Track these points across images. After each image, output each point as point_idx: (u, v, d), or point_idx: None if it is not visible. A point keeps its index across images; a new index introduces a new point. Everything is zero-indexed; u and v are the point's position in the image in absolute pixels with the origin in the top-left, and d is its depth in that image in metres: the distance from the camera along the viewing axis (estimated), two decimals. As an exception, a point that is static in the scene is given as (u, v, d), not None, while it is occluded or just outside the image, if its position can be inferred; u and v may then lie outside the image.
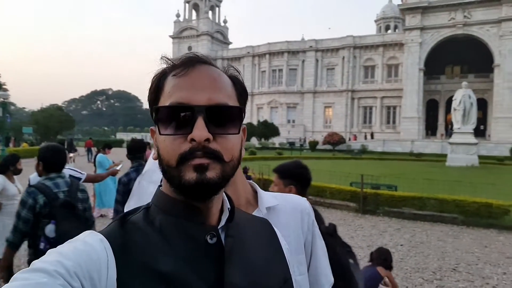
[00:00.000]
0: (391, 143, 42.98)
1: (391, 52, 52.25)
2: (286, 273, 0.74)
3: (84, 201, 2.83)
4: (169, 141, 0.61)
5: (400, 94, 49.18)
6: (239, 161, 0.67)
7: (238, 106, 0.66)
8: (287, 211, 1.02)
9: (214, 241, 0.64)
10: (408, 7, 46.92)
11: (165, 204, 0.66)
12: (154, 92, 0.66)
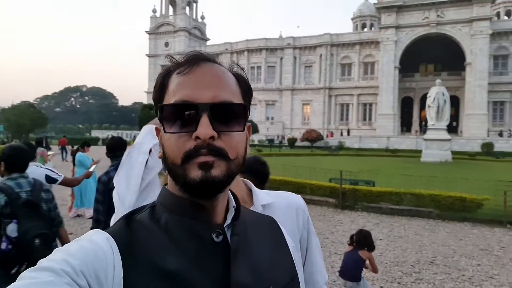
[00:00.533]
0: (367, 139, 43.76)
1: (367, 50, 53.08)
2: (293, 271, 0.74)
3: (49, 201, 2.78)
4: (174, 139, 0.61)
5: (376, 92, 50.08)
6: (244, 158, 0.66)
7: (243, 104, 0.65)
8: (283, 208, 1.01)
9: (220, 239, 0.64)
10: (384, 5, 47.77)
11: (170, 202, 0.66)
12: (158, 91, 0.67)
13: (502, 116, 46.74)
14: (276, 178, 11.40)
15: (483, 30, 42.93)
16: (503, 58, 46.92)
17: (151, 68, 65.32)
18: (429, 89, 27.22)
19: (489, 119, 44.50)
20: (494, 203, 8.54)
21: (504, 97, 46.30)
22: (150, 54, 65.34)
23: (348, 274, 3.89)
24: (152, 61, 64.92)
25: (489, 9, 44.01)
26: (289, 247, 0.78)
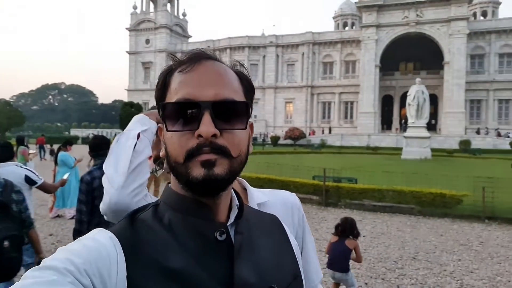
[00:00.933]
0: (349, 137, 44.28)
1: (349, 48, 53.63)
2: (296, 270, 0.74)
3: (19, 203, 2.75)
4: (176, 138, 0.61)
5: (357, 90, 50.69)
6: (247, 156, 0.66)
7: (245, 101, 0.65)
8: (278, 206, 1.00)
9: (223, 238, 0.64)
10: (365, 4, 48.34)
11: (173, 201, 0.66)
12: (161, 89, 0.67)
13: (479, 114, 48.02)
14: (260, 176, 11.41)
15: (460, 30, 43.97)
16: (480, 57, 48.18)
17: (131, 65, 64.37)
18: (409, 88, 27.71)
19: (466, 117, 45.67)
20: (472, 199, 8.76)
21: (481, 95, 47.57)
22: (130, 51, 64.36)
23: (337, 265, 3.93)
24: (133, 58, 63.98)
25: (466, 10, 45.10)
26: (292, 246, 0.78)
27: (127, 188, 0.99)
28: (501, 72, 47.20)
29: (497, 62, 47.43)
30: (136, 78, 63.94)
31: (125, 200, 0.99)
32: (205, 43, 61.85)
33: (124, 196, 0.99)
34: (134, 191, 1.00)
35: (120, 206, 0.98)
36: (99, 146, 3.39)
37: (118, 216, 0.98)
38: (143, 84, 63.23)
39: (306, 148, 36.91)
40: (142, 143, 1.06)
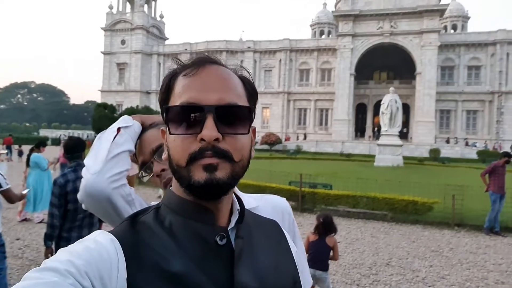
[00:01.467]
0: (323, 144, 44.85)
1: (325, 56, 54.48)
2: (295, 275, 0.75)
3: None
4: (179, 141, 0.62)
5: (332, 98, 51.49)
6: (249, 161, 0.67)
7: (248, 106, 0.65)
8: (268, 211, 0.97)
9: (224, 242, 0.64)
10: (341, 14, 49.31)
11: (175, 204, 0.66)
12: (165, 92, 0.67)
13: (448, 124, 49.73)
14: (236, 181, 11.36)
15: (432, 42, 45.52)
16: (450, 69, 50.00)
17: (106, 66, 63.02)
18: (382, 96, 28.36)
19: (436, 126, 47.16)
20: (443, 206, 9.02)
21: (450, 106, 49.31)
22: (105, 51, 63.04)
23: (318, 263, 3.95)
24: (108, 59, 62.68)
25: (438, 23, 46.74)
26: (292, 252, 0.78)
27: (104, 174, 0.98)
28: (470, 84, 49.12)
29: (466, 74, 49.36)
30: (110, 79, 62.63)
31: (101, 185, 0.97)
32: (182, 45, 61.40)
33: (100, 181, 0.97)
34: (111, 178, 0.99)
35: (96, 190, 0.97)
36: (74, 148, 3.27)
37: (95, 203, 0.98)
38: (117, 85, 62.02)
39: (282, 154, 37.10)
40: (122, 137, 1.06)
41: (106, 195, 0.97)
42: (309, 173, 11.90)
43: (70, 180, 3.07)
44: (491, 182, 8.34)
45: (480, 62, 48.55)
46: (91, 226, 3.26)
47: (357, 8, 48.41)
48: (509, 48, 47.08)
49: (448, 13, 53.97)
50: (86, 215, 3.19)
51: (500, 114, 46.84)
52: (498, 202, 8.16)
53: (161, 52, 62.20)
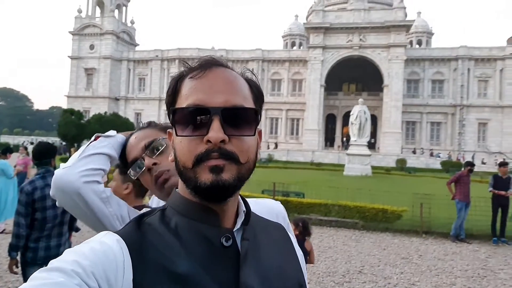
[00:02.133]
0: (294, 153, 45.25)
1: (296, 67, 55.30)
2: (301, 279, 0.74)
3: None
4: (186, 143, 0.62)
5: (303, 108, 52.22)
6: (255, 163, 0.67)
7: (254, 108, 0.66)
8: (263, 215, 0.94)
9: (229, 243, 0.64)
10: (312, 26, 50.34)
11: (181, 206, 0.66)
12: (171, 95, 0.67)
13: (413, 135, 51.47)
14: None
15: (398, 56, 47.20)
16: (415, 82, 51.93)
17: (73, 71, 61.16)
18: (351, 107, 29.06)
19: (403, 137, 48.68)
20: (411, 214, 9.26)
21: (415, 117, 51.11)
22: (73, 56, 61.22)
23: None
24: (75, 63, 60.88)
25: (404, 38, 48.57)
26: (298, 255, 0.78)
27: (75, 168, 0.99)
28: (433, 96, 51.16)
29: (430, 87, 51.41)
30: (78, 84, 60.80)
31: (70, 177, 0.97)
32: (153, 52, 60.59)
33: (70, 173, 0.98)
34: (82, 172, 0.98)
35: (65, 182, 0.97)
36: (43, 154, 3.10)
37: (65, 196, 0.97)
38: (84, 91, 60.26)
39: (253, 163, 37.03)
40: (100, 142, 1.06)
41: (75, 188, 0.95)
42: (282, 182, 11.92)
43: (38, 187, 2.90)
44: (457, 191, 8.65)
45: (443, 76, 50.75)
46: (60, 235, 3.09)
47: (327, 21, 49.59)
48: (469, 63, 49.51)
49: (413, 29, 56.15)
50: (56, 224, 3.03)
51: (462, 126, 48.98)
52: (463, 210, 8.47)
53: (132, 58, 61.13)
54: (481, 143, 48.58)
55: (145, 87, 60.39)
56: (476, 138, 48.76)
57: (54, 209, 2.98)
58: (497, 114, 48.17)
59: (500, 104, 47.98)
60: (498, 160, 39.58)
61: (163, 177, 0.97)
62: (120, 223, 1.01)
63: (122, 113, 51.37)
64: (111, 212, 1.01)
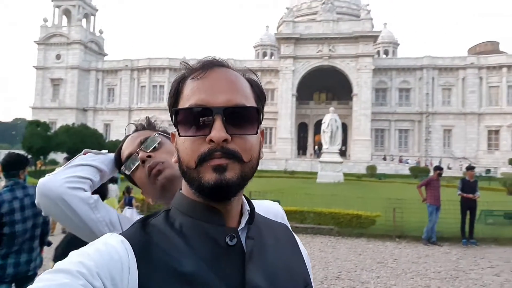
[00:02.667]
0: (268, 161, 45.39)
1: (268, 77, 55.78)
2: (307, 278, 0.74)
3: None
4: (189, 143, 0.62)
5: (276, 117, 52.64)
6: (258, 162, 0.67)
7: (256, 107, 0.66)
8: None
9: (234, 242, 0.64)
10: (283, 37, 51.12)
11: (185, 206, 0.66)
12: (174, 96, 0.68)
13: (382, 142, 52.88)
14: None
15: (367, 66, 48.61)
16: (383, 91, 53.54)
17: (38, 82, 59.15)
18: (322, 116, 29.52)
19: (372, 144, 49.90)
20: (384, 219, 9.44)
21: (384, 125, 52.59)
22: (38, 66, 59.27)
23: None
24: (41, 74, 58.94)
25: (372, 48, 50.12)
26: (303, 255, 0.78)
27: (60, 175, 0.97)
28: (401, 105, 52.87)
29: (397, 96, 53.13)
30: (44, 95, 58.81)
31: (54, 183, 0.95)
32: (123, 61, 59.57)
33: (54, 180, 0.96)
34: (67, 178, 0.96)
35: (49, 188, 0.95)
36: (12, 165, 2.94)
37: (50, 203, 0.96)
38: (51, 102, 58.33)
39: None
40: (90, 156, 1.05)
41: (58, 193, 0.94)
42: (257, 190, 11.89)
43: (5, 200, 2.74)
44: (428, 194, 8.90)
45: (410, 85, 52.58)
46: (31, 251, 2.93)
47: (298, 32, 50.50)
48: (434, 72, 51.61)
49: (380, 40, 58.02)
50: (26, 239, 2.87)
51: (428, 133, 50.76)
52: (434, 213, 8.71)
53: (100, 68, 59.83)
54: (447, 149, 50.49)
55: (114, 97, 59.16)
56: (442, 144, 50.66)
57: (24, 223, 2.83)
58: (461, 121, 50.28)
59: (463, 111, 50.14)
60: (464, 165, 41.23)
61: (157, 168, 0.96)
62: (109, 229, 0.98)
63: (90, 124, 50.00)
64: (99, 218, 0.98)
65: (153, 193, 1.00)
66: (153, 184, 0.97)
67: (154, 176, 0.96)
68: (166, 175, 0.95)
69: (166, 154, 0.98)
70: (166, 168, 0.95)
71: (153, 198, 1.01)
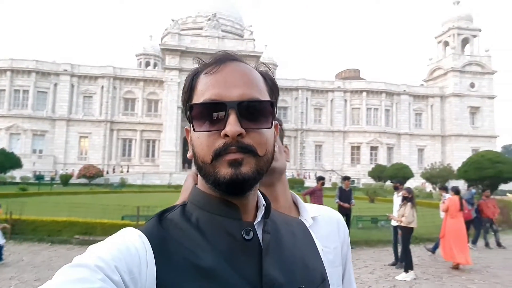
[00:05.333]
0: (150, 176, 43.70)
1: (152, 87, 54.04)
2: (324, 273, 0.73)
3: None
4: (204, 138, 0.62)
5: (159, 129, 51.13)
6: (273, 156, 0.67)
7: (270, 101, 0.66)
8: (326, 221, 1.04)
9: (250, 236, 0.64)
10: (168, 48, 50.34)
11: (201, 201, 0.66)
12: (187, 92, 0.68)
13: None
14: (58, 219, 9.80)
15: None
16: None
17: None
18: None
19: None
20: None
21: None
22: None
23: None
24: None
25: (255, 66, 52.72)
26: (319, 249, 0.78)
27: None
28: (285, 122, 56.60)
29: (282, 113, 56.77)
30: None
31: None
32: (-24, 61, 50.98)
33: None
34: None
35: None
36: None
37: None
38: None
39: (105, 188, 34.20)
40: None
41: None
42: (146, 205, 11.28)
43: None
44: (312, 202, 9.62)
45: (287, 103, 56.78)
46: None
47: (183, 45, 50.32)
48: (308, 93, 56.84)
49: (261, 60, 61.61)
50: None
51: (302, 148, 55.36)
52: (318, 221, 9.43)
53: None
54: (318, 162, 55.73)
55: (-37, 101, 50.02)
56: (314, 158, 55.78)
57: None
58: (329, 138, 56.18)
59: (331, 129, 56.17)
60: (332, 177, 46.08)
61: None
62: None
63: None
64: None
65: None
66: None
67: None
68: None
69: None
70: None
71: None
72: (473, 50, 58.19)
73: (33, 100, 50.21)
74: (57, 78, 51.55)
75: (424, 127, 58.05)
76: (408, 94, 57.72)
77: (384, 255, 9.11)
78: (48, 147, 49.97)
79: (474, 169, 21.13)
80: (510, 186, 29.75)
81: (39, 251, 8.61)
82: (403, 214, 7.51)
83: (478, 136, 55.41)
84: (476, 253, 9.71)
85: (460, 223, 8.40)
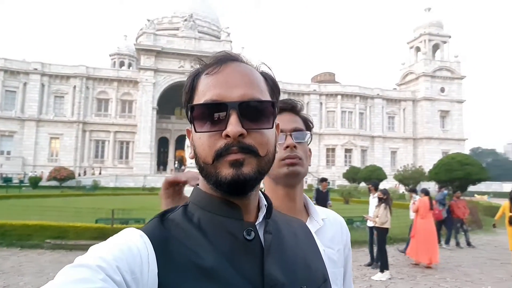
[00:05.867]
0: (124, 178, 42.80)
1: (126, 88, 52.99)
2: (325, 273, 0.74)
3: None
4: (205, 138, 0.62)
5: (134, 130, 50.20)
6: (274, 156, 0.67)
7: (271, 101, 0.66)
8: (332, 223, 1.09)
9: (252, 237, 0.64)
10: (143, 48, 49.58)
11: (203, 201, 0.66)
12: (188, 92, 0.68)
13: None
14: (28, 223, 9.45)
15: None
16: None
17: None
18: (184, 131, 29.50)
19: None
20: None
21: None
22: None
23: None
24: None
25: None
26: (320, 250, 0.78)
27: None
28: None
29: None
30: None
31: None
32: None
33: None
34: None
35: None
36: None
37: None
38: None
39: (77, 190, 33.25)
40: None
41: None
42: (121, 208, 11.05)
43: None
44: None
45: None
46: None
47: (159, 45, 49.68)
48: (284, 96, 56.99)
49: (238, 61, 61.58)
50: None
51: (279, 150, 55.59)
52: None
53: None
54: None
55: None
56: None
57: None
58: (305, 140, 56.63)
59: (307, 131, 56.63)
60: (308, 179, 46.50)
61: (295, 161, 1.05)
62: None
63: None
64: None
65: (272, 173, 1.04)
66: (279, 167, 1.03)
67: (287, 164, 1.04)
68: (297, 169, 1.04)
69: (303, 152, 1.08)
70: (299, 165, 1.05)
71: (271, 176, 1.06)
72: (443, 56, 60.25)
73: (1, 99, 48.30)
74: (26, 77, 49.74)
75: (396, 130, 59.52)
76: (381, 97, 59.06)
77: (360, 256, 9.25)
78: (17, 149, 48.13)
79: (445, 171, 21.75)
80: (478, 188, 30.97)
81: (8, 256, 8.28)
82: (377, 215, 7.66)
83: (448, 139, 57.34)
84: (448, 253, 10.01)
85: (430, 223, 8.67)
